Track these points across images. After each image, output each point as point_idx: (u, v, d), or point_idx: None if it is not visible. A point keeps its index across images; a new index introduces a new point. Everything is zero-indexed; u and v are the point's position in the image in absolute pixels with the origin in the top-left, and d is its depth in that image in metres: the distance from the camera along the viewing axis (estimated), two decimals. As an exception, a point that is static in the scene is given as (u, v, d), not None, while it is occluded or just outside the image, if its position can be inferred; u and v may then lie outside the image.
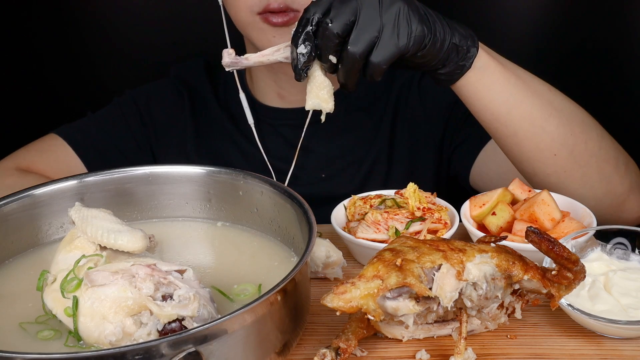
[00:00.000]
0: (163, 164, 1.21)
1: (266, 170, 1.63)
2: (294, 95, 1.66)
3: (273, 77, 1.64)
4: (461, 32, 1.21)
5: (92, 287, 0.93)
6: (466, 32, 1.23)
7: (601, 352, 1.00)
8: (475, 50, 1.23)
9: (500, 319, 1.03)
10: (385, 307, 0.93)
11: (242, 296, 1.03)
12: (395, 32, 1.12)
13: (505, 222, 1.21)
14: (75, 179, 1.17)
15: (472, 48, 1.23)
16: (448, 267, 0.95)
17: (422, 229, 1.19)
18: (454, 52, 1.21)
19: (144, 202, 1.21)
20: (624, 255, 1.12)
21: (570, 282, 0.96)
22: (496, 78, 1.26)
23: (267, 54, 1.17)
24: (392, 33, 1.12)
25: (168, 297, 0.92)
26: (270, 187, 1.13)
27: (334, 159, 1.68)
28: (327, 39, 1.10)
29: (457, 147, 1.65)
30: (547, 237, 0.93)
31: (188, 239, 1.19)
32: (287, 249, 1.12)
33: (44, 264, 1.07)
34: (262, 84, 1.67)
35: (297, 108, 1.67)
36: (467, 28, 1.24)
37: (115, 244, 0.99)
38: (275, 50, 1.17)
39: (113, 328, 0.90)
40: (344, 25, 1.10)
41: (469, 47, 1.22)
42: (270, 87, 1.66)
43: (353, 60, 1.11)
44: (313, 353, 0.94)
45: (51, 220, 1.16)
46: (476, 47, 1.23)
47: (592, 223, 1.20)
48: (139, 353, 0.79)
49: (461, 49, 1.21)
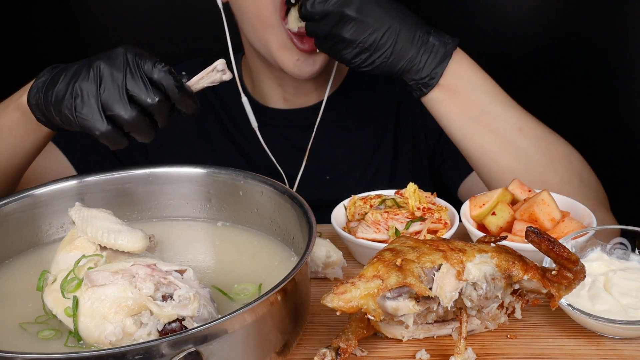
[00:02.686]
0: (163, 164, 1.21)
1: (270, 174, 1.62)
2: (298, 97, 1.66)
3: (278, 81, 1.64)
4: (420, 70, 1.33)
5: (92, 287, 0.93)
6: (431, 70, 1.33)
7: (601, 352, 1.00)
8: (428, 90, 1.35)
9: (500, 319, 1.03)
10: (385, 307, 0.93)
11: (243, 295, 1.03)
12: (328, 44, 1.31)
13: (505, 222, 1.21)
14: (75, 179, 1.17)
15: (426, 86, 1.34)
16: (448, 267, 0.95)
17: (422, 229, 1.19)
18: (401, 81, 1.35)
19: (144, 202, 1.21)
20: (624, 255, 1.11)
21: (570, 282, 0.96)
22: (453, 109, 1.37)
23: (204, 77, 1.16)
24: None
25: (168, 297, 0.92)
26: (270, 187, 1.13)
27: (339, 162, 1.67)
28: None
29: (446, 160, 1.66)
30: (547, 237, 0.93)
31: (188, 239, 1.19)
32: (287, 249, 1.12)
33: (44, 264, 1.07)
34: (266, 88, 1.67)
35: (301, 109, 1.66)
36: (439, 65, 1.33)
37: (116, 244, 0.99)
38: (210, 71, 1.15)
39: (113, 328, 0.90)
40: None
41: (422, 84, 1.34)
42: (274, 90, 1.66)
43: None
44: (313, 353, 0.94)
45: (51, 220, 1.16)
46: (430, 86, 1.34)
47: (592, 223, 1.20)
48: (139, 353, 0.79)
49: (408, 84, 1.35)
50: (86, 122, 1.11)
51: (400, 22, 1.30)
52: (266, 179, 1.14)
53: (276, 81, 1.64)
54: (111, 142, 1.13)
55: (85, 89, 1.11)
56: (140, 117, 1.10)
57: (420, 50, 1.31)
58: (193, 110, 1.14)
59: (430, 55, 1.32)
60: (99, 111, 1.10)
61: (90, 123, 1.10)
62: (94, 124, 1.10)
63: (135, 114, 1.09)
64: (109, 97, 1.10)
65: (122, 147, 1.15)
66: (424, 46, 1.32)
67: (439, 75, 1.33)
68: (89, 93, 1.10)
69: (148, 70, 1.10)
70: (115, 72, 1.10)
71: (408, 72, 1.32)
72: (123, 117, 1.09)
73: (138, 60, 1.10)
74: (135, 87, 1.09)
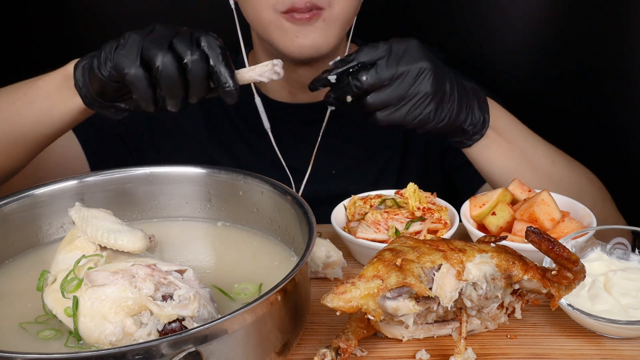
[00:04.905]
0: (163, 164, 1.21)
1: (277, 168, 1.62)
2: (305, 92, 1.66)
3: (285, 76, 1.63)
4: (475, 116, 1.31)
5: (92, 287, 0.93)
6: (481, 115, 1.32)
7: (601, 352, 1.00)
8: (480, 137, 1.33)
9: (500, 319, 1.03)
10: (385, 307, 0.93)
11: (243, 295, 1.03)
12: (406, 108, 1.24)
13: (505, 222, 1.21)
14: (75, 179, 1.17)
15: (479, 132, 1.33)
16: (448, 267, 0.95)
17: (422, 229, 1.19)
18: (460, 131, 1.32)
19: (144, 202, 1.21)
20: (624, 255, 1.12)
21: (570, 282, 0.96)
22: (500, 153, 1.36)
23: (256, 69, 1.15)
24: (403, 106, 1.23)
25: (168, 297, 0.92)
26: (270, 187, 1.13)
27: (345, 157, 1.67)
28: (354, 87, 1.22)
29: (458, 168, 1.65)
30: (547, 237, 0.93)
31: (188, 239, 1.19)
32: (287, 249, 1.12)
33: (44, 264, 1.07)
34: (273, 82, 1.67)
35: (309, 104, 1.66)
36: (485, 109, 1.33)
37: (116, 244, 0.99)
38: (264, 65, 1.14)
39: (113, 328, 0.90)
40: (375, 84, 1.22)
41: (476, 131, 1.33)
42: (281, 84, 1.66)
43: (361, 105, 1.23)
44: (313, 353, 0.94)
45: (51, 220, 1.16)
46: (483, 133, 1.33)
47: (592, 223, 1.20)
48: (139, 353, 0.79)
49: (467, 131, 1.32)
50: (121, 59, 1.09)
51: (436, 65, 1.26)
52: (266, 178, 1.14)
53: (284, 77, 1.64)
54: (137, 88, 1.10)
55: (132, 35, 1.11)
56: (173, 67, 1.07)
57: (465, 96, 1.30)
58: (230, 92, 1.10)
59: (475, 100, 1.32)
60: (137, 52, 1.08)
61: (124, 62, 1.09)
62: (127, 62, 1.09)
63: (169, 60, 1.07)
64: (150, 41, 1.09)
65: (144, 105, 1.12)
66: (464, 91, 1.30)
67: (488, 119, 1.33)
68: (134, 38, 1.10)
69: (198, 37, 1.10)
70: (166, 29, 1.11)
71: (466, 120, 1.30)
72: (157, 60, 1.07)
73: (193, 31, 1.11)
74: (179, 41, 1.09)
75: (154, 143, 1.69)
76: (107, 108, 1.21)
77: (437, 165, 1.69)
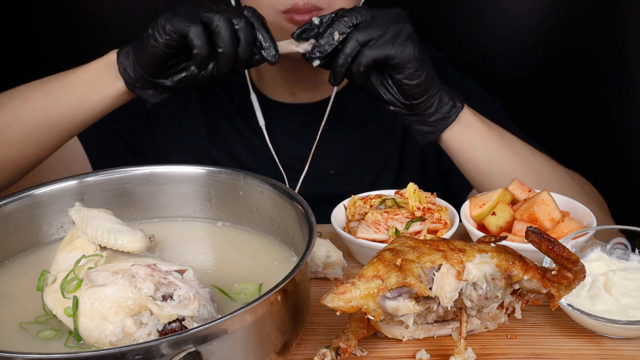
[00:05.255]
0: (163, 164, 1.21)
1: (276, 169, 1.62)
2: (305, 92, 1.66)
3: (285, 75, 1.64)
4: (448, 90, 1.35)
5: (92, 287, 0.93)
6: (453, 92, 1.36)
7: (601, 352, 1.00)
8: (461, 106, 1.35)
9: (500, 319, 1.03)
10: (385, 307, 0.93)
11: (243, 295, 1.03)
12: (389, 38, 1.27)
13: (505, 222, 1.21)
14: (75, 179, 1.17)
15: (457, 103, 1.35)
16: (448, 267, 0.95)
17: (422, 229, 1.19)
18: (439, 100, 1.33)
19: (144, 202, 1.21)
20: (624, 255, 1.12)
21: (570, 282, 0.96)
22: (479, 134, 1.37)
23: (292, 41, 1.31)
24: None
25: (168, 297, 0.92)
26: (270, 187, 1.13)
27: (344, 157, 1.67)
28: None
29: (450, 169, 1.65)
30: (547, 237, 0.93)
31: (188, 239, 1.19)
32: (287, 249, 1.12)
33: (44, 264, 1.07)
34: (273, 82, 1.67)
35: (308, 104, 1.66)
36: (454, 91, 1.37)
37: (116, 244, 0.99)
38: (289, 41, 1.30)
39: (113, 328, 0.90)
40: None
41: (454, 102, 1.35)
42: (281, 84, 1.66)
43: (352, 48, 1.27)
44: (313, 353, 0.94)
45: (51, 220, 1.16)
46: (461, 104, 1.36)
47: (592, 223, 1.20)
48: (139, 353, 0.79)
49: (445, 101, 1.34)
50: (181, 20, 1.22)
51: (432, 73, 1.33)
52: (266, 178, 1.14)
53: (283, 75, 1.64)
54: (198, 43, 1.22)
55: (183, 6, 1.24)
56: (228, 25, 1.21)
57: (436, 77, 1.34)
58: (270, 52, 1.26)
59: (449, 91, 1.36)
60: (196, 14, 1.22)
61: (185, 22, 1.22)
62: (188, 22, 1.22)
63: (225, 20, 1.21)
64: (203, 9, 1.22)
65: (198, 62, 1.24)
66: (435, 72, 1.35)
67: (459, 109, 1.35)
68: (187, 7, 1.24)
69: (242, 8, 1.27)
70: (211, 2, 1.25)
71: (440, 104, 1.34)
72: (215, 20, 1.21)
73: None
74: (228, 9, 1.24)
75: (154, 143, 1.69)
76: (148, 88, 1.31)
77: (434, 166, 1.70)
